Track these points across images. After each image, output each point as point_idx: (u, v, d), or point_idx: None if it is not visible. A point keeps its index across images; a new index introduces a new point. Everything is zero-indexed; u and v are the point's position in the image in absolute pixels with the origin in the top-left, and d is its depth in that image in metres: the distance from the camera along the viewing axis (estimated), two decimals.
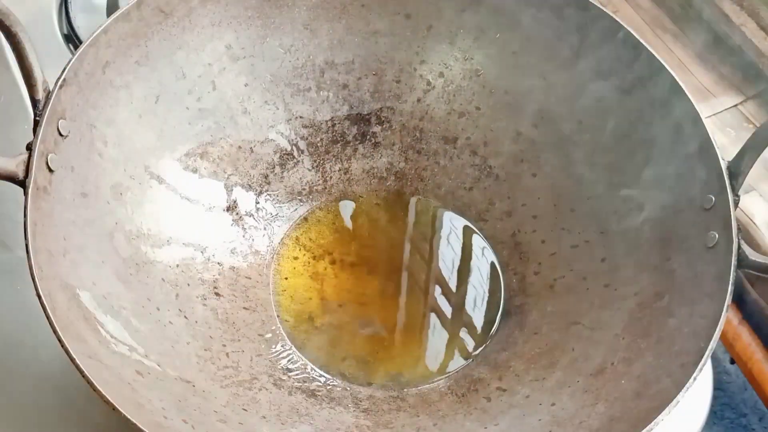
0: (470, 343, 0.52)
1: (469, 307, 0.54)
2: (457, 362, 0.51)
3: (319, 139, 0.58)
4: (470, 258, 0.56)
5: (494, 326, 0.53)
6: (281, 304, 0.53)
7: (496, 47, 0.56)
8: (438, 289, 0.54)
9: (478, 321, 0.53)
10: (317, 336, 0.52)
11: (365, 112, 0.58)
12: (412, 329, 0.52)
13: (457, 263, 0.55)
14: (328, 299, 0.53)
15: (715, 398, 0.54)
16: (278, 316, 0.52)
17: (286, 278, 0.54)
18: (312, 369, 0.50)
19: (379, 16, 0.57)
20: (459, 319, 0.53)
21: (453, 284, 0.55)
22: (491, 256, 0.55)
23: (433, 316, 0.53)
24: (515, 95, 0.56)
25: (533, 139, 0.56)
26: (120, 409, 0.37)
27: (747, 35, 0.69)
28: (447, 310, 0.53)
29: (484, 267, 0.55)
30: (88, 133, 0.46)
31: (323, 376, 0.50)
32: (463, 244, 0.56)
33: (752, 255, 0.43)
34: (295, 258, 0.55)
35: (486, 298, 0.54)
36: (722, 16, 0.70)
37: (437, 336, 0.52)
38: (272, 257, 0.55)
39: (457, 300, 0.54)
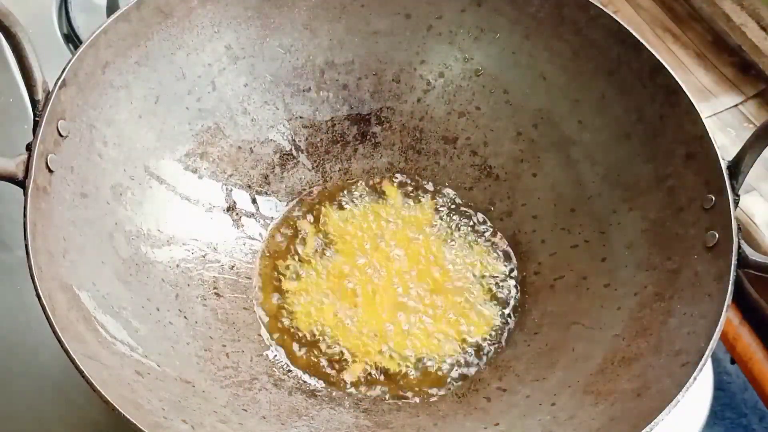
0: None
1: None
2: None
3: (319, 139, 0.58)
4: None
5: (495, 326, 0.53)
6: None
7: (496, 47, 0.56)
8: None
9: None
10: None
11: (365, 112, 0.58)
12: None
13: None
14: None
15: (715, 398, 0.54)
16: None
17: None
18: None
19: (379, 16, 0.57)
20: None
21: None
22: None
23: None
24: (515, 95, 0.56)
25: (533, 139, 0.56)
26: (119, 409, 0.37)
27: (747, 35, 0.69)
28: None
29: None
30: (88, 133, 0.46)
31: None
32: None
33: (752, 255, 0.43)
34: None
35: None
36: (722, 16, 0.70)
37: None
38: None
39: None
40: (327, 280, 0.53)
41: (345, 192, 0.57)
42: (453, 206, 0.57)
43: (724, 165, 0.45)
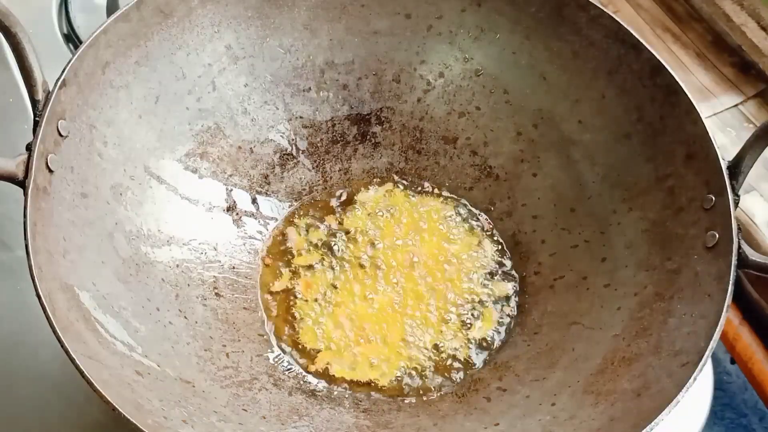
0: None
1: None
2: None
3: (319, 139, 0.58)
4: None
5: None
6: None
7: (496, 47, 0.56)
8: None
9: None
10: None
11: (365, 112, 0.58)
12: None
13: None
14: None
15: (715, 398, 0.54)
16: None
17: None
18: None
19: (379, 16, 0.57)
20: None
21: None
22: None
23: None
24: (515, 95, 0.57)
25: (533, 139, 0.56)
26: (119, 409, 0.37)
27: (747, 35, 0.69)
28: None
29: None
30: (88, 133, 0.46)
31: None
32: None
33: (752, 255, 0.43)
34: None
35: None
36: (722, 16, 0.70)
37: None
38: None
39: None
40: (327, 280, 0.53)
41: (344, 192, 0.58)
42: (452, 205, 0.57)
43: (724, 165, 0.45)
